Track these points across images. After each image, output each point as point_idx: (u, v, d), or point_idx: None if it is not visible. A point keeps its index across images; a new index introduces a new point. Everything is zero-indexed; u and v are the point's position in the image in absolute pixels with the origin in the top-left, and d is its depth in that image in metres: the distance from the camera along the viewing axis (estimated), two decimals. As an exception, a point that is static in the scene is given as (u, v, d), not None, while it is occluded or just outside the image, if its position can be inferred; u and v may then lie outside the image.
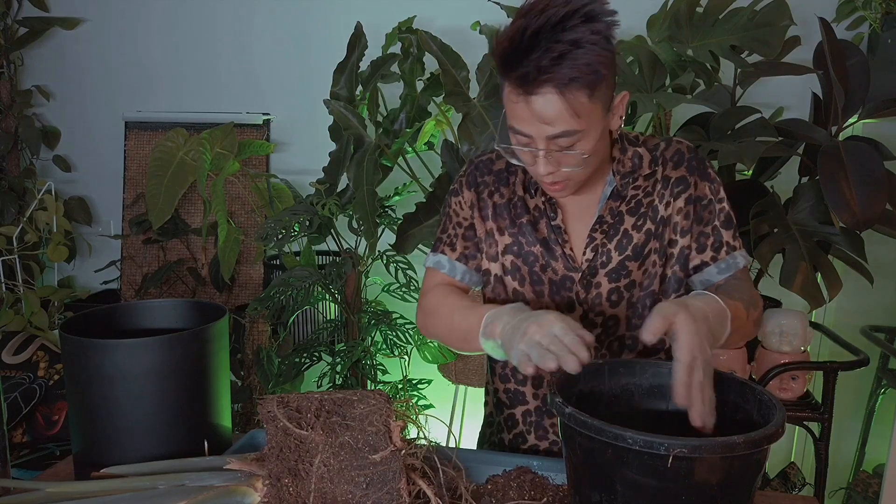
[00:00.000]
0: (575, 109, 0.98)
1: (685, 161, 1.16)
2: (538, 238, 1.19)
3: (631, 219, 1.16)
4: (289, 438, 0.95)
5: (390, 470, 0.92)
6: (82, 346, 1.10)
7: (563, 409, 0.84)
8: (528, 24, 0.95)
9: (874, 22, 2.18)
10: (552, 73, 0.95)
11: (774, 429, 0.79)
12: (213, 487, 0.96)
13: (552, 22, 0.95)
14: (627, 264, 1.16)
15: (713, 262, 1.16)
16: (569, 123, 0.99)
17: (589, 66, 0.96)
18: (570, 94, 0.97)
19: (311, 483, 0.92)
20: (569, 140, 1.01)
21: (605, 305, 1.18)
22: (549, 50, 0.94)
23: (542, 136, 1.01)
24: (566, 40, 0.94)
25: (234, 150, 2.45)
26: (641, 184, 1.16)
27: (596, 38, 0.96)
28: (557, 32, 0.95)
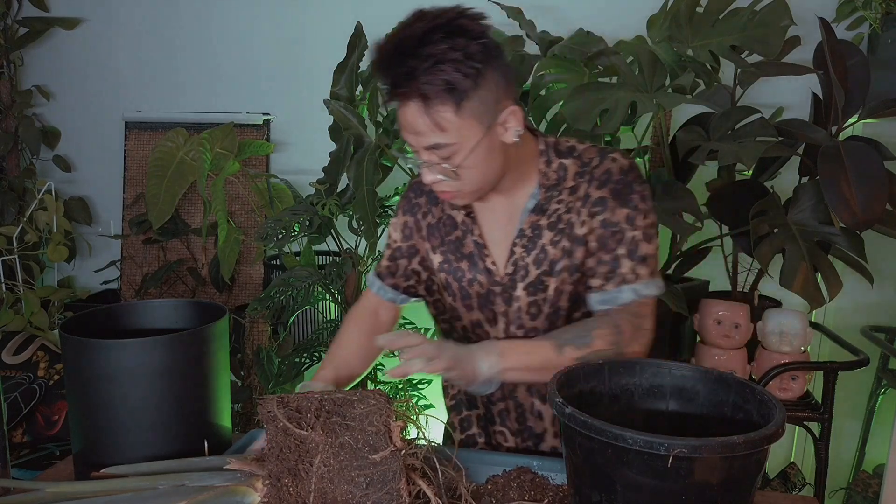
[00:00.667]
0: (438, 123, 1.02)
1: (610, 182, 1.13)
2: (464, 254, 1.22)
3: (549, 234, 1.16)
4: (289, 438, 0.95)
5: (390, 470, 0.92)
6: (82, 346, 1.10)
7: (563, 409, 0.84)
8: (394, 37, 1.01)
9: (874, 22, 2.18)
10: (408, 89, 0.99)
11: (774, 429, 0.79)
12: (213, 487, 0.96)
13: (414, 36, 0.98)
14: (544, 279, 1.17)
15: (599, 289, 1.14)
16: (436, 136, 1.03)
17: (446, 83, 0.99)
18: (433, 109, 1.01)
19: (311, 483, 0.92)
20: (443, 152, 1.05)
21: (525, 318, 1.20)
22: (407, 65, 0.98)
23: (420, 147, 1.06)
24: (423, 55, 0.98)
25: (234, 150, 2.45)
26: (565, 198, 1.16)
27: (456, 55, 0.98)
28: (418, 48, 0.98)
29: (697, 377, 0.97)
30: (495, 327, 1.22)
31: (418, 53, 0.98)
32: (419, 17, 1.00)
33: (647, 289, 1.13)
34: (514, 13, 2.12)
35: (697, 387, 0.97)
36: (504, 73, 1.06)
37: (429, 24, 0.99)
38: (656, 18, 2.03)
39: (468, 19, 1.01)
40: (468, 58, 0.99)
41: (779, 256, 1.85)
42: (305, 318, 2.47)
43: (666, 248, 2.23)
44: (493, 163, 1.09)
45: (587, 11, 2.38)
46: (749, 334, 1.98)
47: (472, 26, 1.01)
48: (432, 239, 1.26)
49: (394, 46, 1.00)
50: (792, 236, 1.83)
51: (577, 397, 0.96)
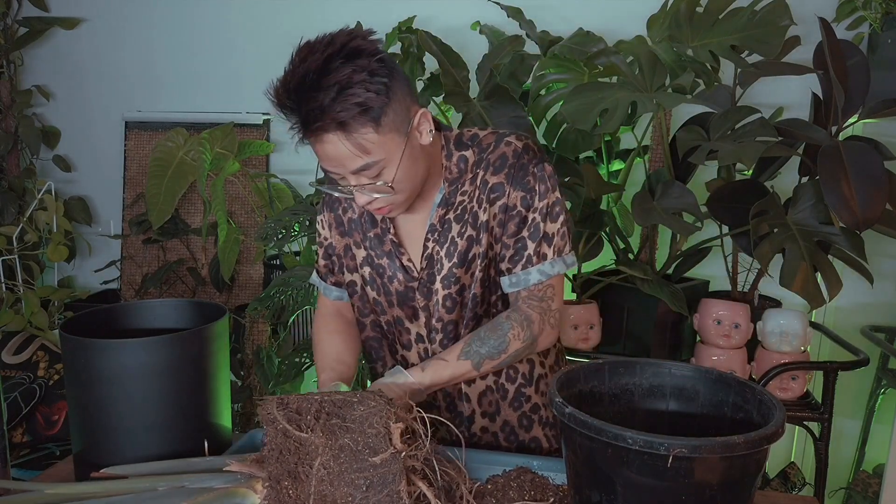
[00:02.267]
0: (361, 147, 1.01)
1: (506, 167, 1.15)
2: (384, 251, 1.23)
3: (457, 226, 1.18)
4: (288, 441, 0.94)
5: (390, 472, 0.91)
6: (82, 346, 1.10)
7: (562, 409, 0.84)
8: (295, 72, 0.99)
9: (874, 22, 2.18)
10: (323, 121, 0.98)
11: (774, 429, 0.79)
12: (212, 489, 0.96)
13: (314, 68, 0.97)
14: (455, 271, 1.18)
15: (508, 273, 1.18)
16: (362, 159, 1.03)
17: (360, 105, 0.98)
18: (353, 133, 1.00)
19: (310, 486, 0.91)
20: (371, 171, 1.05)
21: (442, 311, 1.21)
22: (312, 99, 0.97)
23: (347, 173, 1.05)
24: (329, 84, 0.97)
25: (234, 150, 2.44)
26: (468, 189, 1.18)
27: (361, 76, 0.98)
28: (321, 78, 0.97)
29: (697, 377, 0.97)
30: (416, 322, 1.24)
31: (323, 85, 0.97)
32: (310, 49, 0.99)
33: (554, 268, 1.17)
34: (514, 13, 2.12)
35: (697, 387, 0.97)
36: (405, 80, 1.07)
37: (323, 53, 0.98)
38: (656, 18, 2.04)
39: (361, 39, 1.01)
40: (373, 75, 0.99)
41: (779, 256, 1.85)
42: (305, 318, 2.47)
43: (666, 247, 2.23)
44: (419, 167, 1.11)
45: (587, 11, 2.38)
46: (749, 334, 1.98)
47: (367, 45, 1.00)
48: (355, 234, 1.26)
49: (296, 85, 0.98)
50: (792, 236, 1.83)
51: (577, 397, 0.96)
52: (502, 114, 1.92)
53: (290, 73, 1.00)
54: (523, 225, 1.16)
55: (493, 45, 2.13)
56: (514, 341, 1.15)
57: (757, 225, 1.83)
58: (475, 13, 2.26)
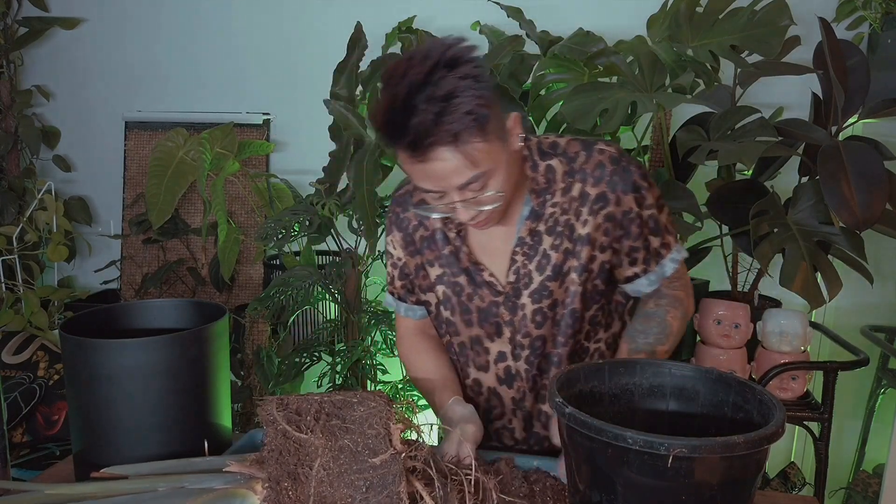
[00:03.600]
0: (472, 159, 0.98)
1: (606, 175, 1.13)
2: (461, 268, 1.20)
3: (549, 238, 1.15)
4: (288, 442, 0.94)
5: (390, 473, 0.91)
6: (82, 346, 1.10)
7: (563, 409, 0.84)
8: (397, 92, 0.94)
9: (874, 22, 2.18)
10: (436, 135, 0.94)
11: (774, 429, 0.79)
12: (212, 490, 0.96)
13: (418, 82, 0.93)
14: (548, 284, 1.16)
15: (644, 273, 1.18)
16: (471, 172, 0.99)
17: (470, 114, 0.94)
18: (463, 146, 0.96)
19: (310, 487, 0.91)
20: (479, 184, 1.01)
21: (530, 326, 1.19)
22: (425, 112, 0.93)
23: (453, 189, 1.02)
24: (438, 96, 0.93)
25: (234, 150, 2.44)
26: (559, 200, 1.14)
27: (467, 83, 0.94)
28: (427, 90, 0.93)
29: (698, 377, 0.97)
30: (498, 339, 1.21)
31: (433, 97, 0.93)
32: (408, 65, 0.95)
33: (680, 252, 1.20)
34: (514, 13, 2.12)
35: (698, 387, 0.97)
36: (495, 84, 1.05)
37: (424, 66, 0.94)
38: (656, 18, 2.03)
39: (457, 47, 0.97)
40: (477, 81, 0.96)
41: (779, 256, 1.85)
42: (305, 318, 2.47)
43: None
44: (514, 174, 1.08)
45: (587, 11, 2.38)
46: (749, 334, 1.98)
47: (465, 52, 0.97)
48: (427, 252, 1.23)
49: (402, 102, 0.94)
50: (792, 236, 1.83)
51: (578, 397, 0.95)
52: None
53: (391, 92, 0.95)
54: (643, 224, 1.15)
55: (493, 45, 2.13)
56: (673, 322, 1.15)
57: (757, 225, 1.83)
58: (475, 13, 2.26)
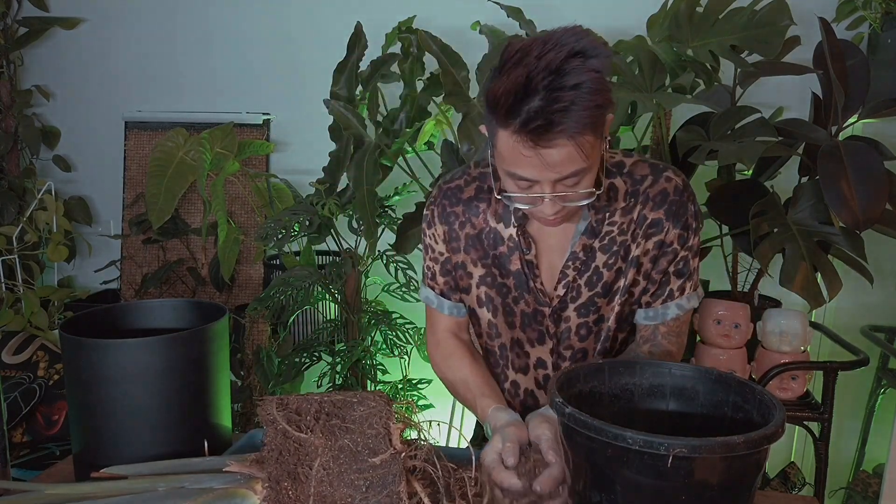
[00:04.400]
0: (585, 152, 0.95)
1: (666, 203, 1.12)
2: (511, 270, 1.17)
3: (603, 256, 1.14)
4: (288, 441, 0.94)
5: (390, 473, 0.91)
6: (82, 346, 1.10)
7: (563, 409, 0.84)
8: (530, 73, 0.91)
9: (874, 22, 2.18)
10: (565, 124, 0.91)
11: (774, 429, 0.79)
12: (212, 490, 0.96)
13: (552, 68, 0.90)
14: (597, 300, 1.16)
15: (645, 307, 1.17)
16: (577, 165, 0.97)
17: (598, 108, 0.93)
18: (581, 139, 0.94)
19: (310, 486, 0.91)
20: (575, 179, 0.99)
21: (573, 339, 1.18)
22: (556, 99, 0.90)
23: (549, 181, 0.98)
24: (570, 86, 0.90)
25: (234, 150, 2.44)
26: (617, 220, 1.13)
27: (597, 76, 0.92)
28: (559, 78, 0.90)
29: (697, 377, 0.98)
30: (541, 346, 1.20)
31: (565, 84, 0.90)
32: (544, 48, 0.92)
33: (690, 302, 1.17)
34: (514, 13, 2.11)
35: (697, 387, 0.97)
36: None
37: (561, 52, 0.91)
38: (656, 18, 2.03)
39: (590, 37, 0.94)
40: (605, 77, 0.94)
41: (779, 256, 1.85)
42: (305, 318, 2.47)
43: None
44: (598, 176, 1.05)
45: (587, 11, 2.37)
46: (749, 334, 1.98)
47: (597, 45, 0.93)
48: (471, 251, 1.19)
49: (536, 84, 0.90)
50: (792, 236, 1.83)
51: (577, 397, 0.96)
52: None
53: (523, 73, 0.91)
54: (673, 262, 1.14)
55: (493, 45, 2.13)
56: None
57: (757, 225, 1.83)
58: (475, 13, 2.26)
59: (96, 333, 1.13)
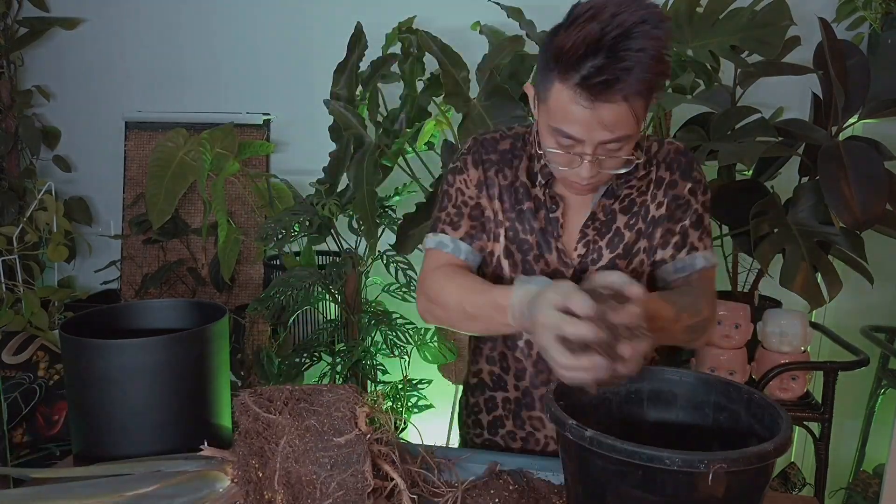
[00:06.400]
0: (637, 116, 0.98)
1: (675, 162, 1.17)
2: (536, 228, 1.18)
3: (623, 217, 1.17)
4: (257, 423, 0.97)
5: (355, 452, 0.94)
6: (82, 346, 1.10)
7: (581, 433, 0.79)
8: (604, 29, 0.93)
9: (874, 22, 2.18)
10: (625, 83, 0.94)
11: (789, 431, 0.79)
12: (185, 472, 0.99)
13: (626, 27, 0.93)
14: (618, 262, 1.17)
15: (671, 259, 1.17)
16: (627, 129, 0.99)
17: (660, 75, 0.96)
18: (635, 102, 0.97)
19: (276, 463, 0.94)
20: (619, 144, 1.01)
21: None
22: (622, 59, 0.93)
23: (595, 142, 1.00)
24: (636, 48, 0.93)
25: (234, 150, 2.45)
26: (636, 183, 1.17)
27: (660, 45, 0.95)
28: (628, 40, 0.93)
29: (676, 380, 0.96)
30: None
31: (630, 46, 0.93)
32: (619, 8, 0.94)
33: (713, 258, 1.19)
34: (514, 13, 2.12)
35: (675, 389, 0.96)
36: None
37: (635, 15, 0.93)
38: (656, 18, 2.03)
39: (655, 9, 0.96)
40: (666, 49, 0.96)
41: (779, 256, 1.85)
42: (305, 318, 2.47)
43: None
44: None
45: (587, 11, 2.37)
46: (749, 334, 1.98)
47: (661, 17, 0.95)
48: (503, 201, 1.19)
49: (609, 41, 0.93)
50: (792, 236, 1.83)
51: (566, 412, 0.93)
52: (503, 114, 1.91)
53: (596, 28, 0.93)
54: (688, 212, 1.16)
55: (493, 46, 2.13)
56: (705, 308, 1.10)
57: (757, 225, 1.83)
58: (475, 13, 2.26)
59: (96, 333, 1.13)
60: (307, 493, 0.93)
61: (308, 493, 0.93)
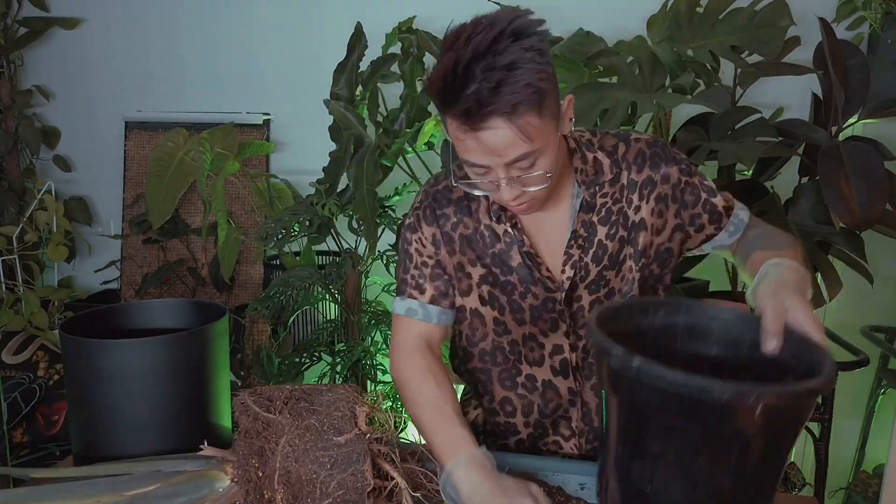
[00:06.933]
0: (527, 133, 0.94)
1: (647, 159, 1.13)
2: (514, 267, 1.16)
3: (604, 228, 1.14)
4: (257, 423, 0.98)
5: (354, 452, 0.94)
6: (82, 346, 1.10)
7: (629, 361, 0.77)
8: (458, 57, 0.90)
9: (874, 22, 2.18)
10: (495, 104, 0.90)
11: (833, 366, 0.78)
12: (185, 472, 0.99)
13: (481, 49, 0.90)
14: (605, 274, 1.15)
15: (718, 230, 1.18)
16: (523, 147, 0.95)
17: (530, 87, 0.91)
18: (519, 119, 0.92)
19: (276, 462, 0.94)
20: (527, 162, 0.97)
21: (588, 317, 1.16)
22: (485, 80, 0.90)
23: (500, 165, 0.97)
24: (500, 66, 0.89)
25: (234, 150, 2.45)
26: (608, 190, 1.13)
27: (530, 55, 0.90)
28: (489, 59, 0.90)
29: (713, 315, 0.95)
30: (555, 333, 1.17)
31: (494, 65, 0.89)
32: (474, 30, 0.92)
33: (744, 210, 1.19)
34: (514, 13, 2.11)
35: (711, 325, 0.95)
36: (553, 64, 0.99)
37: (490, 33, 0.90)
38: (656, 18, 2.04)
39: (524, 17, 0.93)
40: (541, 56, 0.92)
41: (779, 256, 1.85)
42: (305, 318, 2.47)
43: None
44: (561, 158, 1.05)
45: (587, 12, 2.38)
46: (749, 334, 1.98)
47: (532, 23, 0.93)
48: (467, 251, 1.16)
49: (463, 68, 0.90)
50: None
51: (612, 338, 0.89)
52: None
53: (452, 57, 0.91)
54: (697, 189, 1.16)
55: (493, 46, 2.13)
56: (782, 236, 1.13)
57: (757, 225, 1.83)
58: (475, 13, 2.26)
59: (96, 333, 1.13)
60: (307, 493, 0.93)
61: (308, 492, 0.93)
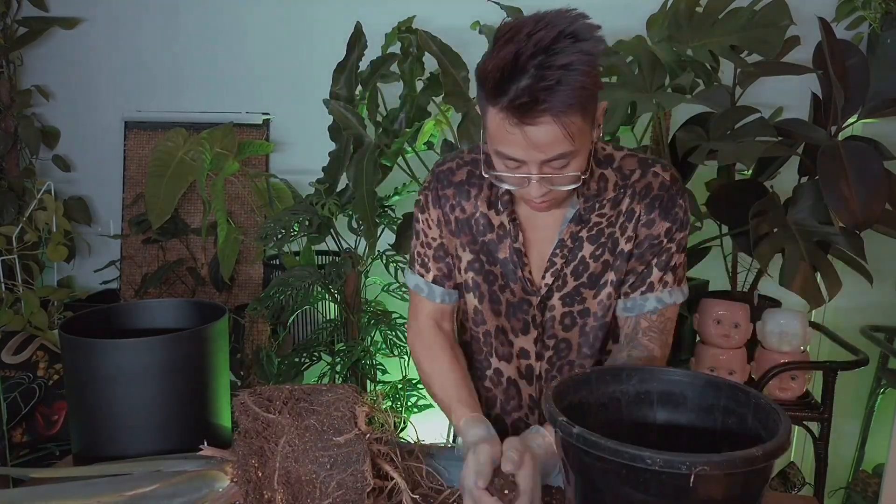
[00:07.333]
0: (570, 133, 0.95)
1: (650, 198, 1.12)
2: (500, 258, 1.17)
3: (590, 247, 1.14)
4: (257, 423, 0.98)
5: (354, 452, 0.94)
6: (82, 346, 1.10)
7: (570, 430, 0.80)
8: (519, 51, 0.92)
9: (874, 22, 2.18)
10: (550, 102, 0.92)
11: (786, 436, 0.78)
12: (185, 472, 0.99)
13: (542, 46, 0.91)
14: (582, 290, 1.15)
15: (624, 297, 1.16)
16: (565, 146, 0.97)
17: (584, 90, 0.93)
18: (567, 119, 0.94)
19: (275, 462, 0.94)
20: (563, 161, 0.99)
21: (557, 328, 1.18)
22: (542, 77, 0.91)
23: (536, 161, 0.98)
24: (558, 65, 0.91)
25: (234, 150, 2.45)
26: (607, 211, 1.13)
27: (586, 59, 0.92)
28: (548, 57, 0.91)
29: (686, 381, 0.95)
30: (525, 336, 1.19)
31: (552, 63, 0.91)
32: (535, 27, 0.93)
33: (671, 296, 1.15)
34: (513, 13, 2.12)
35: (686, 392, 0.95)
36: None
37: (552, 32, 0.91)
38: (656, 18, 2.04)
39: (584, 19, 0.95)
40: (595, 60, 0.94)
41: (778, 256, 1.85)
42: (305, 318, 2.47)
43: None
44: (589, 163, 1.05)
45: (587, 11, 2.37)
46: (749, 334, 1.98)
47: (589, 29, 0.94)
48: (461, 235, 1.19)
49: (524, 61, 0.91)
50: (792, 236, 1.83)
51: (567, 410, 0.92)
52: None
53: (512, 50, 0.92)
54: (658, 254, 1.13)
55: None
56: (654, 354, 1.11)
57: (757, 225, 1.83)
58: (475, 13, 2.26)
59: (96, 333, 1.13)
60: (307, 493, 0.93)
61: (307, 492, 0.93)
